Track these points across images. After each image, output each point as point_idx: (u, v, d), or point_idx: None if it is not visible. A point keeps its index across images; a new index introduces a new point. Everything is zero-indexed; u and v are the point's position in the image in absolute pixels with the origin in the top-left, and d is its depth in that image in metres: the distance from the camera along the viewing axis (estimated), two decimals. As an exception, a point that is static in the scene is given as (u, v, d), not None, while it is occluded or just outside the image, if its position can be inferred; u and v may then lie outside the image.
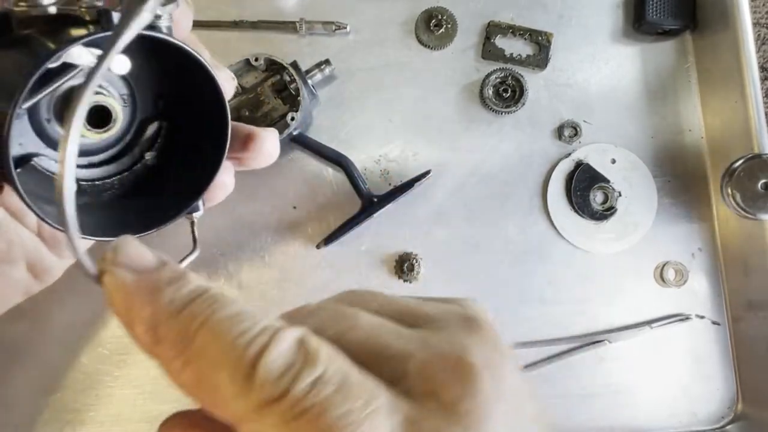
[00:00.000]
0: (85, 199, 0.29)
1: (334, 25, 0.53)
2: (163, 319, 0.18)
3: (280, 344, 0.17)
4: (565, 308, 0.54)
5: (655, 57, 0.56)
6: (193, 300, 0.18)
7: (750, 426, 0.53)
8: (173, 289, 0.18)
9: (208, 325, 0.17)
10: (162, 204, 0.30)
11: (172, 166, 0.31)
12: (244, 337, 0.17)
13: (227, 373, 0.16)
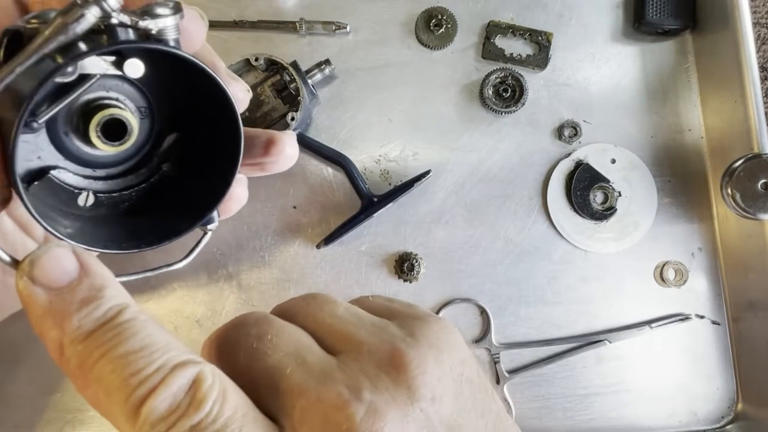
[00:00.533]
0: (102, 210, 0.30)
1: (334, 25, 0.53)
2: (67, 343, 0.19)
3: (169, 387, 0.18)
4: (565, 308, 0.54)
5: (655, 57, 0.56)
6: (100, 326, 0.19)
7: (750, 425, 0.53)
8: (83, 313, 0.19)
9: (107, 358, 0.18)
10: (177, 216, 0.30)
11: (188, 178, 0.31)
12: (137, 376, 0.18)
13: (118, 407, 0.18)
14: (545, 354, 0.53)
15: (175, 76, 0.28)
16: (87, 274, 0.20)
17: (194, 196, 0.30)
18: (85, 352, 0.18)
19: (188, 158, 0.31)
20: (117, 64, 0.25)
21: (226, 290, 0.52)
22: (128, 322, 0.19)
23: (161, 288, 0.52)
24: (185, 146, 0.31)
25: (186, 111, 0.30)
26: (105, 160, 0.29)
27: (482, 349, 0.53)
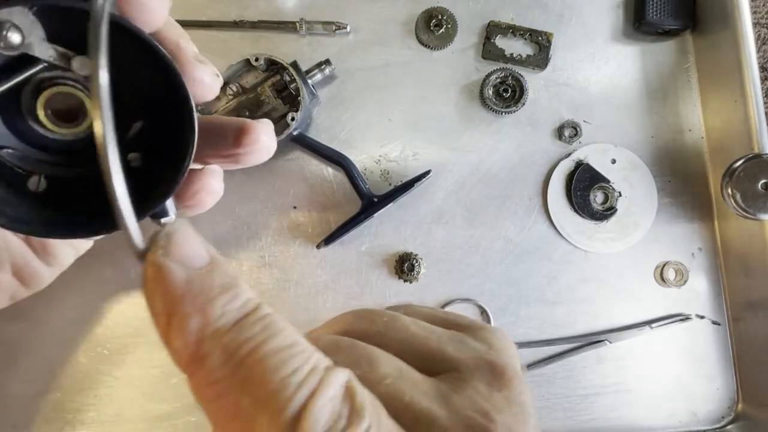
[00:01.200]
0: (54, 196, 0.28)
1: (334, 25, 0.53)
2: (209, 334, 0.15)
3: (328, 390, 0.15)
4: (565, 308, 0.54)
5: (655, 57, 0.56)
6: (245, 317, 0.16)
7: (750, 426, 0.53)
8: (225, 299, 0.16)
9: (259, 354, 0.15)
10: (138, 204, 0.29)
11: (152, 169, 0.29)
12: (295, 376, 0.15)
13: (269, 416, 0.14)
14: (545, 354, 0.53)
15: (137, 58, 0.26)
16: (218, 260, 0.17)
17: (156, 187, 0.28)
18: (232, 345, 0.15)
19: (154, 148, 0.29)
20: (66, 58, 0.24)
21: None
22: (270, 316, 0.16)
23: (161, 288, 0.52)
24: (151, 135, 0.29)
25: (152, 97, 0.28)
26: (61, 145, 0.27)
27: (482, 349, 0.53)
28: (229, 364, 0.15)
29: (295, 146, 0.53)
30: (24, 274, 0.35)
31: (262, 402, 0.14)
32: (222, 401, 0.15)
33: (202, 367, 0.15)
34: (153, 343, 0.51)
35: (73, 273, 0.51)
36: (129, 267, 0.52)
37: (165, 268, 0.16)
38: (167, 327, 0.15)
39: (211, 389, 0.15)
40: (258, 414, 0.14)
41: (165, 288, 0.16)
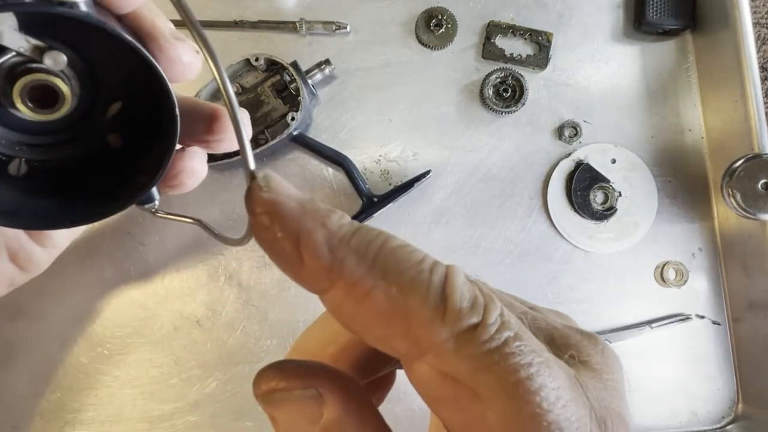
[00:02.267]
0: (36, 181, 0.28)
1: (334, 25, 0.53)
2: (338, 242, 0.16)
3: (459, 275, 0.16)
4: (565, 308, 0.54)
5: (656, 57, 0.56)
6: (359, 228, 0.16)
7: (750, 426, 0.53)
8: (337, 215, 0.16)
9: (388, 248, 0.16)
10: (116, 192, 0.28)
11: (132, 152, 0.29)
12: (426, 263, 0.16)
13: (419, 297, 0.15)
14: (545, 354, 0.53)
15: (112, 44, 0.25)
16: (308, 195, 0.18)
17: (136, 171, 0.28)
18: (362, 246, 0.16)
19: (133, 130, 0.29)
20: (37, 52, 0.24)
21: (226, 290, 0.52)
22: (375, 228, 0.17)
23: (161, 288, 0.52)
24: (131, 117, 0.29)
25: (131, 79, 0.28)
26: (40, 127, 0.27)
27: (482, 349, 0.53)
28: (366, 261, 0.16)
29: (295, 146, 0.53)
30: (20, 258, 0.35)
31: (407, 286, 0.15)
32: (371, 298, 0.15)
33: (342, 272, 0.16)
34: (153, 343, 0.51)
35: (73, 273, 0.51)
36: (130, 267, 0.52)
37: (278, 198, 0.16)
38: (296, 251, 0.16)
39: (356, 290, 0.16)
40: (408, 298, 0.15)
41: (283, 215, 0.16)
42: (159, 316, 0.51)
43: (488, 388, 0.15)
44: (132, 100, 0.29)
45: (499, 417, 0.15)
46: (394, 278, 0.15)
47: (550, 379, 0.15)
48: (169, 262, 0.52)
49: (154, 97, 0.27)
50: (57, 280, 0.39)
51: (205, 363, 0.51)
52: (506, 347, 0.15)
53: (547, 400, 0.15)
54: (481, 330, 0.15)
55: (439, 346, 0.15)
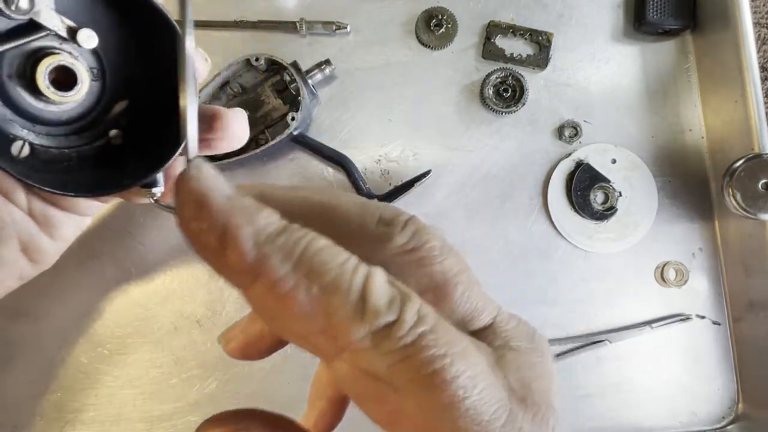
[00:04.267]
0: (37, 163, 0.29)
1: (334, 25, 0.53)
2: (264, 239, 0.16)
3: (379, 275, 0.16)
4: (566, 308, 0.54)
5: (656, 57, 0.56)
6: (285, 227, 0.17)
7: (751, 426, 0.53)
8: (265, 213, 0.17)
9: (314, 248, 0.16)
10: (120, 178, 0.29)
11: (134, 146, 0.30)
12: (348, 263, 0.16)
13: (339, 296, 0.16)
14: (545, 354, 0.53)
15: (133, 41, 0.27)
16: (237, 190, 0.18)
17: (141, 162, 0.29)
18: (288, 244, 0.16)
19: (136, 126, 0.30)
20: (71, 32, 0.25)
21: (226, 290, 0.52)
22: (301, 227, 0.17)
23: (161, 288, 0.52)
24: (135, 114, 0.30)
25: (139, 77, 0.29)
26: (49, 116, 0.28)
27: (482, 349, 0.53)
28: (291, 260, 0.16)
29: (295, 146, 0.53)
30: (31, 250, 0.35)
31: (329, 286, 0.16)
32: (292, 296, 0.16)
33: (265, 270, 0.16)
34: (153, 343, 0.51)
35: (74, 273, 0.51)
36: (130, 267, 0.52)
37: (206, 190, 0.16)
38: (220, 245, 0.16)
39: (278, 288, 0.16)
40: (328, 297, 0.16)
41: (210, 209, 0.16)
42: (159, 316, 0.51)
43: (404, 381, 0.16)
44: (138, 97, 0.30)
45: (417, 407, 0.16)
46: (316, 277, 0.16)
47: (466, 367, 0.16)
48: (169, 262, 0.52)
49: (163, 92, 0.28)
50: (57, 280, 0.39)
51: (206, 363, 0.51)
52: (421, 341, 0.16)
53: (464, 387, 0.16)
54: (397, 327, 0.16)
55: (357, 344, 0.16)
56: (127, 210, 0.51)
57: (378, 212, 0.18)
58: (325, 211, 0.19)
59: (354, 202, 0.19)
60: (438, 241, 0.19)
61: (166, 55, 0.28)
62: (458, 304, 0.18)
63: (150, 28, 0.27)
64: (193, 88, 0.18)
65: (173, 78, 0.28)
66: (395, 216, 0.18)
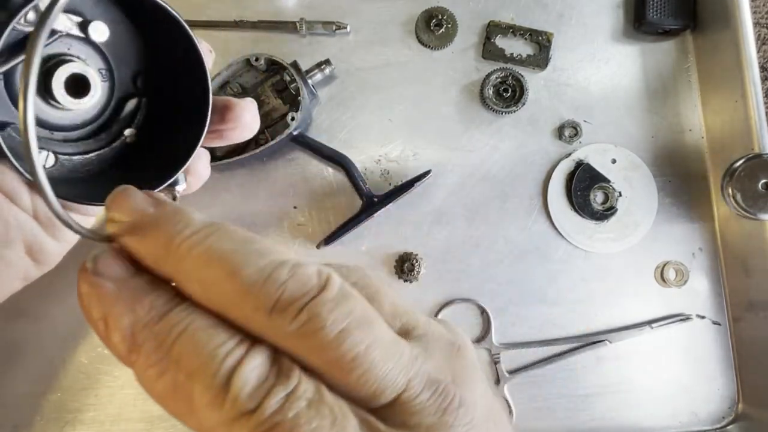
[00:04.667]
0: (62, 172, 0.29)
1: (334, 25, 0.53)
2: (141, 327, 0.18)
3: (254, 359, 0.17)
4: (566, 308, 0.54)
5: (656, 57, 0.56)
6: (174, 307, 0.18)
7: (751, 426, 0.53)
8: (152, 297, 0.18)
9: (186, 335, 0.17)
10: (143, 178, 0.30)
11: (152, 142, 0.31)
12: (220, 349, 0.17)
13: (202, 384, 0.17)
14: (546, 354, 0.53)
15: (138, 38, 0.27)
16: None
17: (160, 159, 0.30)
18: (163, 331, 0.17)
19: (151, 124, 0.31)
20: (81, 27, 0.25)
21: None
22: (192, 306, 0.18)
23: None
24: (148, 111, 0.31)
25: (148, 76, 0.30)
26: (64, 123, 0.29)
27: (483, 349, 0.53)
28: (163, 347, 0.17)
29: (295, 146, 0.53)
30: (35, 252, 0.35)
31: (194, 373, 0.17)
32: (160, 382, 0.17)
33: (140, 355, 0.18)
34: (153, 343, 0.51)
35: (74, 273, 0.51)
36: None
37: (93, 284, 0.19)
38: (105, 329, 0.18)
39: (149, 373, 0.18)
40: (193, 384, 0.17)
41: (97, 295, 0.18)
42: (159, 316, 0.51)
43: None
44: (149, 95, 0.31)
45: None
46: (184, 365, 0.17)
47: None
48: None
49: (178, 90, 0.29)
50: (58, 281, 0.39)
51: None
52: (286, 424, 0.16)
53: None
54: (255, 414, 0.16)
55: (216, 429, 0.17)
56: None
57: (277, 293, 0.17)
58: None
59: (253, 280, 0.18)
60: (338, 322, 0.17)
61: (172, 48, 0.28)
62: (354, 388, 0.18)
63: (152, 23, 0.27)
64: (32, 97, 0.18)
65: (182, 71, 0.28)
66: (291, 302, 0.17)
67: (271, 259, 0.18)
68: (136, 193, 0.20)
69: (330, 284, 0.18)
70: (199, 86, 0.28)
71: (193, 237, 0.18)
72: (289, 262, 0.18)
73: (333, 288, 0.18)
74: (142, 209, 0.19)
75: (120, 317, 0.18)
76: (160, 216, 0.19)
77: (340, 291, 0.18)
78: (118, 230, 0.19)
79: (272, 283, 0.17)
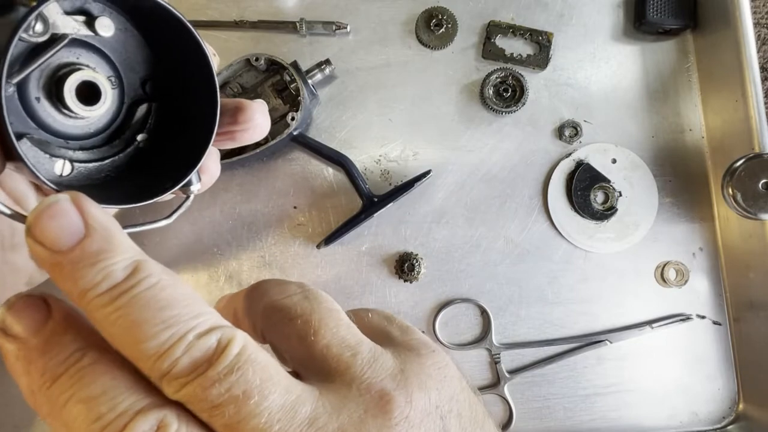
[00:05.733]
0: (81, 180, 0.30)
1: (334, 25, 0.53)
2: (35, 390, 0.18)
3: (143, 423, 0.17)
4: (566, 308, 0.54)
5: (656, 56, 0.56)
6: (65, 371, 0.18)
7: (751, 426, 0.53)
8: (49, 357, 0.18)
9: (72, 402, 0.18)
10: (158, 181, 0.30)
11: (165, 145, 0.32)
12: (101, 421, 0.17)
13: None
14: (546, 354, 0.53)
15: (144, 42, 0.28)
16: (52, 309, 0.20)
17: (172, 162, 0.30)
18: (52, 397, 0.18)
19: (162, 127, 0.31)
20: (88, 25, 0.26)
21: (226, 290, 0.52)
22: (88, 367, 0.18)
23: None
24: (158, 115, 0.31)
25: (156, 80, 0.30)
26: (78, 132, 0.29)
27: (483, 349, 0.53)
28: (54, 411, 0.18)
29: (295, 146, 0.53)
30: None
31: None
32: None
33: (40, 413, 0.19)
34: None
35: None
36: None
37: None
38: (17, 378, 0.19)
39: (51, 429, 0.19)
40: None
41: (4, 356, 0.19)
42: (159, 316, 0.51)
43: None
44: (159, 99, 0.31)
45: None
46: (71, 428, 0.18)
47: None
48: (169, 262, 0.52)
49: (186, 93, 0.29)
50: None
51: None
52: None
53: None
54: None
55: None
56: (127, 211, 0.51)
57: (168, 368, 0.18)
58: None
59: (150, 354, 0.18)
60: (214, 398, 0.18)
61: (177, 50, 0.28)
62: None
63: (156, 26, 0.27)
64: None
65: (189, 72, 0.28)
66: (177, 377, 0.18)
67: (173, 332, 0.18)
68: (66, 213, 0.18)
69: (222, 357, 0.18)
70: (206, 86, 0.29)
71: (105, 295, 0.18)
72: (192, 332, 0.18)
73: (223, 362, 0.18)
74: (64, 239, 0.18)
75: (19, 378, 0.18)
76: (80, 257, 0.18)
77: (230, 364, 0.18)
78: (37, 259, 0.19)
79: (165, 359, 0.18)
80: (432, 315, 0.53)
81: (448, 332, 0.53)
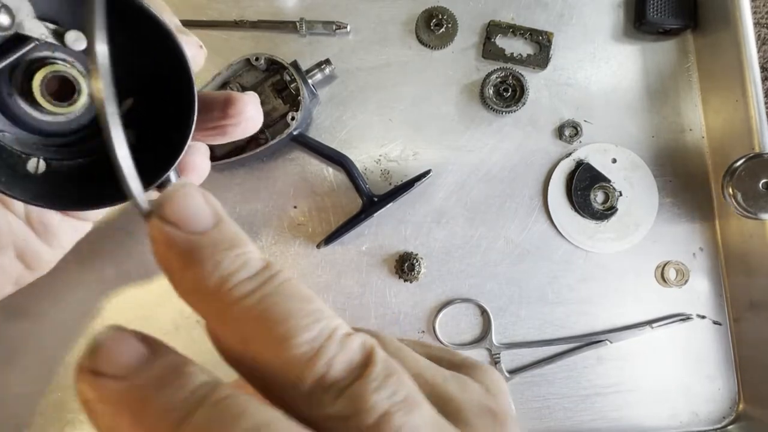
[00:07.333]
0: (54, 177, 0.29)
1: (334, 25, 0.53)
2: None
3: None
4: (566, 308, 0.54)
5: (656, 56, 0.56)
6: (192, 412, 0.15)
7: (751, 426, 0.53)
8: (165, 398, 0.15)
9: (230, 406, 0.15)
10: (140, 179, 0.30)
11: (147, 145, 0.30)
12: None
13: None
14: (546, 354, 0.53)
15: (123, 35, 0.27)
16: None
17: (152, 161, 0.29)
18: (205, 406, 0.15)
19: (146, 124, 0.30)
20: (57, 35, 0.25)
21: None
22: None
23: (161, 288, 0.52)
24: (142, 112, 0.30)
25: (140, 74, 0.29)
26: (57, 128, 0.28)
27: (483, 349, 0.53)
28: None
29: (295, 146, 0.53)
30: (28, 257, 0.35)
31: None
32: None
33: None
34: (153, 342, 0.51)
35: (74, 272, 0.51)
36: (130, 267, 0.52)
37: (96, 385, 0.15)
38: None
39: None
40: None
41: (101, 404, 0.15)
42: (159, 316, 0.51)
43: None
44: (143, 95, 0.30)
45: None
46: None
47: None
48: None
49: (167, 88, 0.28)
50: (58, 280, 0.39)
51: (206, 363, 0.51)
52: None
53: None
54: None
55: None
56: (127, 210, 0.51)
57: (323, 370, 0.15)
58: None
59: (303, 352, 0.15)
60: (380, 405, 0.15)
61: (150, 43, 0.27)
62: None
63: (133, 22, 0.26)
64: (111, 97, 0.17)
65: (164, 66, 0.27)
66: (335, 382, 0.15)
67: (322, 327, 0.15)
68: (199, 196, 0.16)
69: (374, 360, 0.15)
70: (182, 80, 0.27)
71: (249, 283, 0.15)
72: (339, 330, 0.16)
73: (377, 365, 0.15)
74: (203, 220, 0.16)
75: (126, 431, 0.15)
76: (220, 239, 0.16)
77: (384, 368, 0.15)
78: (165, 242, 0.16)
79: (320, 358, 0.15)
80: (432, 315, 0.53)
81: (448, 332, 0.53)
